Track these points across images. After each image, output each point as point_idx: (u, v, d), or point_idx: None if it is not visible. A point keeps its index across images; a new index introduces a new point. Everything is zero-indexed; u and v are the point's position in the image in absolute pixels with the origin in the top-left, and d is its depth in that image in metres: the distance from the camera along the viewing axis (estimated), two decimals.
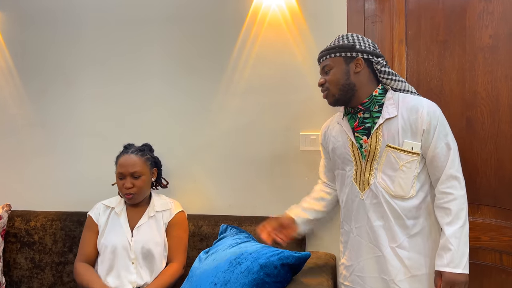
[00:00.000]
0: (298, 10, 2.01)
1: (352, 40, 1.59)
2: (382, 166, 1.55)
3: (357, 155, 1.61)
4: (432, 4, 1.84)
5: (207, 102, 2.16)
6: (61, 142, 2.36)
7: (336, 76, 1.59)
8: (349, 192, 1.65)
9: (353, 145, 1.61)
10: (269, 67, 2.07)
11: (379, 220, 1.56)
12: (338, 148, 1.68)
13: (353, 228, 1.64)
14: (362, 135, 1.59)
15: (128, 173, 1.91)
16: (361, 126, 1.60)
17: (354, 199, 1.62)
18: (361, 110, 1.60)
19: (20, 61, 2.39)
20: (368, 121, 1.59)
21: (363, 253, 1.61)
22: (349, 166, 1.64)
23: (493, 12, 1.72)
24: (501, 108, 1.73)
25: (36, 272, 2.22)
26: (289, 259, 1.55)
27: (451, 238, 1.46)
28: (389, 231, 1.55)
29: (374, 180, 1.56)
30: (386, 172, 1.55)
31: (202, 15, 2.13)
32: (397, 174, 1.53)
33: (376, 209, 1.57)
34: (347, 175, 1.65)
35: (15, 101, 2.41)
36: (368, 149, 1.57)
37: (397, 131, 1.53)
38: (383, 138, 1.55)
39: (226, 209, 2.15)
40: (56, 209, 2.33)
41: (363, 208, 1.60)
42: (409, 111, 1.53)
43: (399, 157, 1.52)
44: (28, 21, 2.37)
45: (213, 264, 1.65)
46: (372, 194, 1.57)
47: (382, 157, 1.55)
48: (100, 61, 2.28)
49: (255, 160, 2.11)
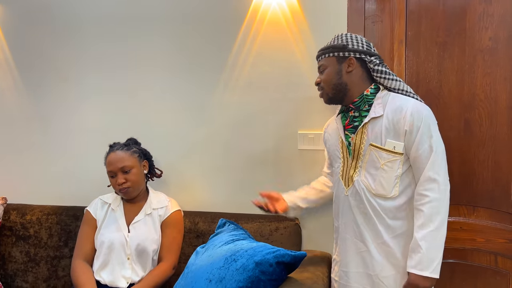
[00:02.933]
0: (298, 8, 2.01)
1: (346, 40, 1.61)
2: (365, 165, 1.58)
3: (345, 152, 1.64)
4: (432, 5, 1.84)
5: (206, 99, 2.16)
6: (58, 136, 2.35)
7: (329, 76, 1.62)
8: (337, 189, 1.69)
9: (343, 142, 1.65)
10: (268, 65, 2.07)
11: (362, 217, 1.59)
12: (332, 145, 1.73)
13: (341, 224, 1.68)
14: (351, 133, 1.62)
15: (118, 169, 1.91)
16: (350, 125, 1.63)
17: (340, 195, 1.67)
18: (352, 109, 1.63)
19: (18, 55, 2.38)
20: (357, 119, 1.61)
21: (348, 249, 1.64)
22: (337, 163, 1.69)
23: (493, 15, 1.73)
24: (499, 110, 1.74)
25: (31, 266, 2.21)
26: (285, 257, 1.55)
27: (420, 241, 1.45)
28: (372, 228, 1.57)
29: (357, 177, 1.59)
30: (369, 171, 1.57)
31: (202, 13, 2.13)
32: (379, 172, 1.55)
33: (359, 206, 1.60)
34: (336, 172, 1.70)
35: (13, 94, 2.40)
36: (353, 147, 1.61)
37: (381, 131, 1.55)
38: (367, 137, 1.57)
39: (223, 206, 2.15)
40: (52, 203, 2.32)
41: (348, 205, 1.63)
42: (394, 112, 1.54)
43: (380, 156, 1.54)
44: (28, 14, 2.36)
45: (209, 260, 1.65)
46: (355, 191, 1.60)
47: (366, 155, 1.58)
48: (99, 56, 2.27)
49: (253, 157, 2.11)
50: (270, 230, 1.99)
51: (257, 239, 1.95)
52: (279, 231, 1.98)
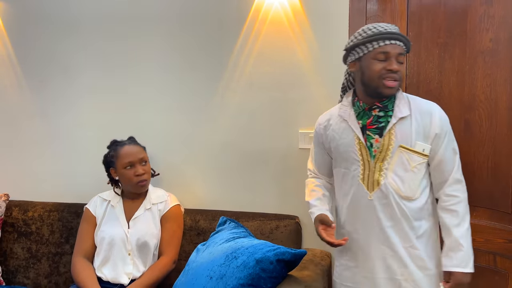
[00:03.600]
0: (300, 8, 2.02)
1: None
2: (393, 167, 1.52)
3: (365, 154, 1.56)
4: (433, 6, 1.85)
5: (207, 98, 2.17)
6: (60, 133, 2.36)
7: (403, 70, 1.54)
8: (355, 193, 1.58)
9: (361, 144, 1.56)
10: (270, 64, 2.08)
11: (389, 221, 1.53)
12: (342, 146, 1.61)
13: (359, 229, 1.58)
14: (374, 134, 1.55)
15: (138, 160, 1.95)
16: (374, 125, 1.55)
17: (361, 199, 1.57)
18: (378, 108, 1.55)
19: (21, 51, 2.40)
20: (382, 120, 1.55)
21: (372, 254, 1.56)
22: (354, 166, 1.58)
23: (494, 16, 1.73)
24: (499, 111, 1.74)
25: (33, 262, 2.23)
26: (285, 255, 1.56)
27: (461, 239, 1.49)
28: (400, 232, 1.53)
29: (384, 180, 1.52)
30: (397, 173, 1.52)
31: (204, 12, 2.14)
32: (408, 175, 1.52)
33: (385, 210, 1.53)
34: (352, 175, 1.58)
35: (15, 91, 2.42)
36: (380, 149, 1.53)
37: (410, 132, 1.52)
38: (395, 138, 1.52)
39: (224, 204, 2.16)
40: (54, 200, 2.34)
41: (371, 209, 1.55)
42: (423, 114, 1.53)
43: (411, 158, 1.51)
44: (31, 12, 2.37)
45: (210, 257, 1.66)
46: (381, 195, 1.53)
47: (393, 157, 1.52)
48: (101, 54, 2.28)
49: (254, 156, 2.12)
50: (271, 228, 2.00)
51: (258, 237, 1.96)
52: (279, 229, 1.99)
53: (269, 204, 2.11)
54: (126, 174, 1.94)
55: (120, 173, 1.95)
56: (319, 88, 2.02)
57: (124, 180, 1.95)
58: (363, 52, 1.52)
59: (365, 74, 1.53)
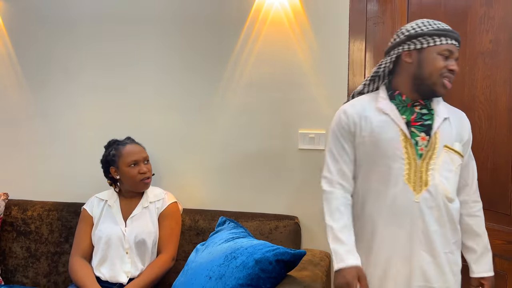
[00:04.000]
0: (301, 9, 2.02)
1: None
2: (439, 167, 1.44)
3: (411, 152, 1.45)
4: (434, 8, 1.85)
5: (207, 98, 2.17)
6: (60, 133, 2.36)
7: None
8: (398, 194, 1.44)
9: (407, 140, 1.45)
10: (270, 65, 2.08)
11: (435, 224, 1.44)
12: (385, 141, 1.46)
13: (399, 235, 1.45)
14: (419, 131, 1.46)
15: (142, 158, 1.98)
16: (419, 122, 1.47)
17: (404, 201, 1.44)
18: (420, 105, 1.49)
19: (21, 51, 2.39)
20: (427, 117, 1.48)
21: (410, 261, 1.44)
22: (398, 164, 1.44)
23: (494, 17, 1.74)
24: (499, 112, 1.75)
25: (32, 262, 2.23)
26: (285, 255, 1.56)
27: (488, 244, 1.52)
28: (443, 236, 1.46)
29: (432, 181, 1.43)
30: (442, 174, 1.45)
31: (205, 12, 2.14)
32: (452, 175, 1.47)
33: (433, 213, 1.44)
34: (395, 174, 1.44)
35: (15, 91, 2.41)
36: (428, 148, 1.45)
37: (452, 133, 1.49)
38: (440, 138, 1.46)
39: (223, 204, 2.16)
40: (53, 199, 2.33)
41: (417, 212, 1.43)
42: (457, 117, 1.54)
43: (453, 159, 1.48)
44: (31, 11, 2.37)
45: (209, 257, 1.66)
46: (429, 197, 1.43)
47: (439, 157, 1.45)
48: (101, 54, 2.28)
49: (253, 156, 2.12)
50: (270, 229, 2.00)
51: (257, 237, 1.96)
52: (278, 229, 1.99)
53: (269, 204, 2.11)
54: (130, 173, 1.94)
55: (123, 172, 1.95)
56: (319, 89, 2.02)
57: (127, 179, 1.96)
58: (428, 43, 1.43)
59: (423, 68, 1.44)
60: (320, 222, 2.02)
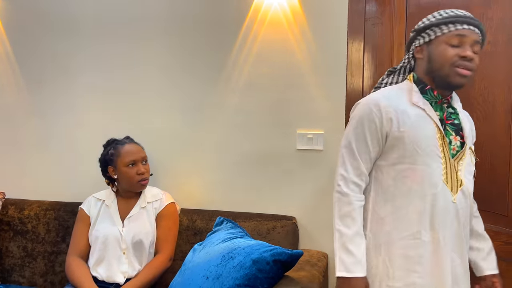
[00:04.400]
0: (299, 9, 2.02)
1: None
2: (464, 168, 1.41)
3: (446, 151, 1.38)
4: (432, 9, 1.84)
5: (206, 98, 2.16)
6: (58, 132, 2.35)
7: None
8: (438, 195, 1.36)
9: (443, 138, 1.38)
10: (268, 65, 2.08)
11: (464, 226, 1.42)
12: (424, 138, 1.36)
13: (439, 238, 1.36)
14: (452, 130, 1.41)
15: (140, 159, 1.97)
16: (450, 120, 1.42)
17: (445, 202, 1.37)
18: (447, 103, 1.43)
19: (19, 50, 2.39)
20: (454, 117, 1.44)
21: (446, 266, 1.38)
22: (436, 163, 1.36)
23: (492, 18, 1.74)
24: (497, 113, 1.75)
25: (28, 261, 2.22)
26: (282, 255, 1.56)
27: (491, 244, 1.53)
28: (467, 237, 1.45)
29: (464, 181, 1.40)
30: (466, 175, 1.42)
31: (203, 12, 2.14)
32: (471, 177, 1.46)
33: (465, 214, 1.41)
34: (434, 173, 1.36)
35: (13, 90, 2.41)
36: (462, 149, 1.41)
37: (470, 134, 1.47)
38: (467, 140, 1.43)
39: (221, 204, 2.16)
40: (50, 198, 2.33)
41: (454, 213, 1.38)
42: (470, 120, 1.51)
43: (473, 160, 1.47)
44: (29, 10, 2.36)
45: (206, 257, 1.66)
46: (462, 197, 1.39)
47: (465, 158, 1.42)
48: (100, 55, 2.28)
49: (251, 157, 2.12)
50: (268, 229, 1.99)
51: (255, 237, 1.96)
52: (276, 229, 1.99)
53: (266, 205, 2.11)
54: (128, 173, 1.94)
55: (120, 172, 1.95)
56: (318, 89, 2.02)
57: (125, 179, 1.95)
58: (435, 34, 1.36)
59: (433, 61, 1.37)
60: (318, 223, 2.04)
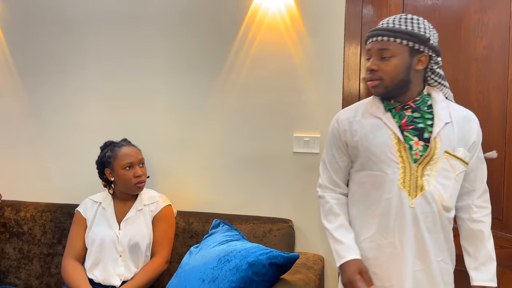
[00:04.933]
0: (296, 13, 2.03)
1: (428, 30, 1.38)
2: (435, 173, 1.40)
3: (406, 156, 1.40)
4: (428, 14, 1.86)
5: (202, 101, 2.17)
6: (54, 133, 2.35)
7: (396, 69, 1.37)
8: (393, 199, 1.41)
9: (400, 144, 1.41)
10: (265, 68, 2.08)
11: (428, 231, 1.40)
12: (378, 146, 1.42)
13: (395, 242, 1.41)
14: (412, 135, 1.41)
15: (138, 161, 1.96)
16: (410, 125, 1.42)
17: (401, 206, 1.40)
18: (410, 108, 1.43)
19: (17, 52, 2.39)
20: (420, 121, 1.42)
21: (404, 270, 1.41)
22: (392, 168, 1.41)
23: (487, 24, 1.75)
24: (492, 118, 1.76)
25: (24, 263, 2.21)
26: (278, 258, 1.57)
27: (492, 252, 1.44)
28: (437, 244, 1.42)
29: (428, 187, 1.39)
30: (439, 180, 1.40)
31: (201, 15, 2.14)
32: (450, 183, 1.41)
33: (427, 219, 1.40)
34: (389, 179, 1.41)
35: (11, 91, 2.41)
36: (427, 153, 1.40)
37: (454, 138, 1.41)
38: (441, 143, 1.40)
39: (217, 207, 2.16)
40: (47, 200, 2.33)
41: (412, 218, 1.40)
42: (463, 120, 1.44)
43: (455, 165, 1.41)
44: (27, 12, 2.36)
45: (202, 260, 1.66)
46: (424, 203, 1.39)
47: (437, 163, 1.39)
48: (96, 56, 2.28)
49: (248, 159, 2.13)
50: (264, 232, 2.00)
51: (251, 240, 1.96)
52: (272, 232, 1.99)
53: (263, 207, 2.11)
54: (125, 175, 1.94)
55: (117, 174, 1.95)
56: (314, 92, 2.03)
57: (121, 181, 1.95)
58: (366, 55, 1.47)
59: None
60: (314, 226, 2.04)
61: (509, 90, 1.71)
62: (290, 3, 2.03)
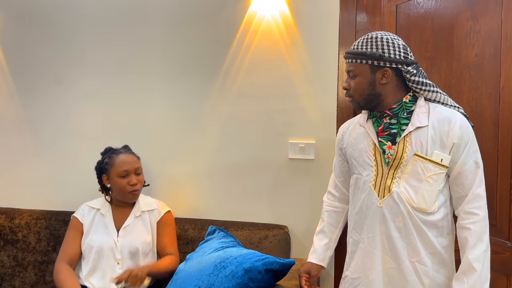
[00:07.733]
0: (291, 20, 2.05)
1: (382, 47, 1.46)
2: (406, 176, 1.45)
3: (380, 160, 1.50)
4: (421, 21, 1.89)
5: (198, 107, 2.18)
6: (49, 140, 2.35)
7: (360, 86, 1.49)
8: (365, 199, 1.52)
9: (376, 149, 1.51)
10: (261, 75, 2.10)
11: (398, 231, 1.45)
12: (358, 151, 1.57)
13: (365, 238, 1.51)
14: (386, 140, 1.50)
15: (133, 170, 1.95)
16: (386, 131, 1.51)
17: (370, 206, 1.50)
18: (388, 116, 1.51)
19: (12, 57, 2.39)
20: (395, 127, 1.50)
21: (375, 265, 1.48)
22: (367, 171, 1.52)
23: (479, 31, 1.77)
24: (484, 124, 1.78)
25: (19, 271, 2.20)
26: (274, 265, 1.57)
27: (474, 262, 1.38)
28: (410, 244, 1.45)
29: (396, 188, 1.45)
30: (410, 182, 1.45)
31: (197, 21, 2.16)
32: (422, 185, 1.43)
33: (395, 219, 1.45)
34: (364, 180, 1.53)
35: (5, 97, 2.40)
36: (394, 156, 1.47)
37: (426, 141, 1.44)
38: (410, 146, 1.45)
39: (213, 213, 2.17)
40: (42, 207, 2.32)
41: (380, 216, 1.48)
42: (441, 122, 1.45)
43: (426, 167, 1.43)
44: (22, 17, 2.37)
45: (198, 267, 1.66)
46: (392, 203, 1.46)
47: (407, 166, 1.45)
48: (91, 62, 2.29)
49: (243, 166, 2.13)
50: (260, 238, 2.00)
51: (247, 246, 1.97)
52: (268, 239, 2.00)
53: (258, 214, 2.12)
54: (119, 183, 1.93)
55: (113, 181, 1.95)
56: (309, 99, 2.05)
57: (116, 189, 1.95)
58: None
59: None
60: (310, 232, 2.05)
61: (501, 96, 1.73)
62: (285, 11, 2.05)
